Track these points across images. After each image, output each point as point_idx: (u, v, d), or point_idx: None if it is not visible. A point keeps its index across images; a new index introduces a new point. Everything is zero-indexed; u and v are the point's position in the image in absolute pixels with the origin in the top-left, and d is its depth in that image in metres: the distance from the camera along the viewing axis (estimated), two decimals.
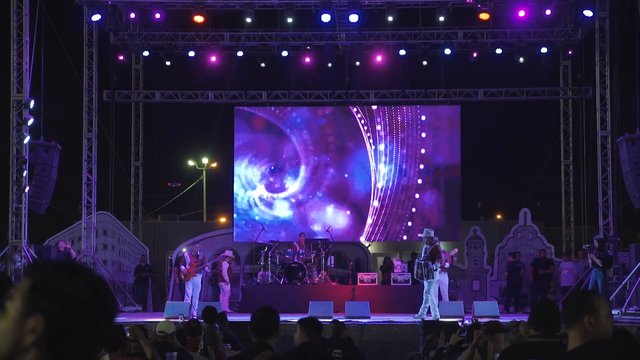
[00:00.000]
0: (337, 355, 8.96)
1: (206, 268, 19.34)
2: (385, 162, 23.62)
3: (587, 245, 17.28)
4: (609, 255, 16.87)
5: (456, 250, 20.32)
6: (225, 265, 20.53)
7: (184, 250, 19.07)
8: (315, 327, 6.18)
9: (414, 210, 23.46)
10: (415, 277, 16.65)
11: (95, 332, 1.78)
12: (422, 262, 16.13)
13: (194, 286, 18.64)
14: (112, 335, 6.33)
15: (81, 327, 1.76)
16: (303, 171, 23.79)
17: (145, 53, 23.67)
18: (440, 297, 17.85)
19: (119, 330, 6.43)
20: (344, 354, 9.01)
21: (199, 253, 19.17)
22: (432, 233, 16.50)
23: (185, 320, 11.56)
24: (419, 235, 16.62)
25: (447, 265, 18.36)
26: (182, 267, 18.89)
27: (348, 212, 23.57)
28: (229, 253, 20.87)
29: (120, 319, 12.90)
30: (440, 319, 15.44)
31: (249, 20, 21.15)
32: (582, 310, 3.41)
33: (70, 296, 1.76)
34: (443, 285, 18.36)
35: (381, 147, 23.64)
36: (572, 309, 3.43)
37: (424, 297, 16.22)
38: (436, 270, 16.11)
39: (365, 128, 23.76)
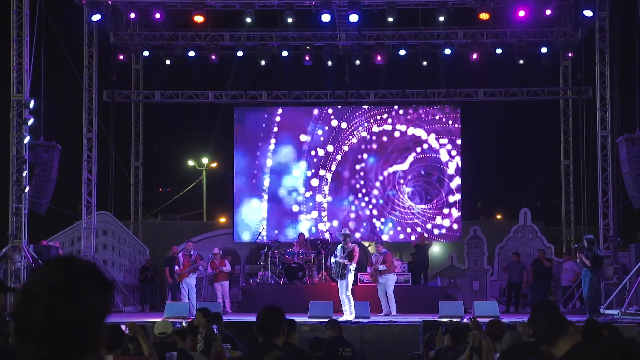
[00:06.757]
0: (347, 354, 9.20)
1: (200, 267, 19.22)
2: (385, 163, 23.60)
3: (577, 245, 17.21)
4: (598, 255, 16.70)
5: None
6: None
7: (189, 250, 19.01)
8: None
9: (413, 210, 23.45)
10: (332, 274, 16.50)
11: None
12: (342, 261, 16.22)
13: (188, 287, 18.49)
14: (111, 334, 6.32)
15: None
16: (303, 170, 23.79)
17: (145, 53, 23.67)
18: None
19: (117, 330, 6.42)
20: (354, 352, 9.26)
21: (192, 253, 19.02)
22: (347, 231, 16.58)
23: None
24: (341, 232, 16.74)
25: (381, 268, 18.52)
26: (176, 268, 18.81)
27: (349, 213, 23.58)
28: (215, 251, 20.74)
29: (120, 319, 12.91)
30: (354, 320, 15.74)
31: (249, 20, 21.15)
32: (565, 319, 3.69)
33: None
34: (392, 282, 18.51)
35: (381, 147, 23.63)
36: (560, 322, 3.61)
37: (347, 296, 16.31)
38: (351, 271, 16.38)
39: (366, 128, 23.76)
